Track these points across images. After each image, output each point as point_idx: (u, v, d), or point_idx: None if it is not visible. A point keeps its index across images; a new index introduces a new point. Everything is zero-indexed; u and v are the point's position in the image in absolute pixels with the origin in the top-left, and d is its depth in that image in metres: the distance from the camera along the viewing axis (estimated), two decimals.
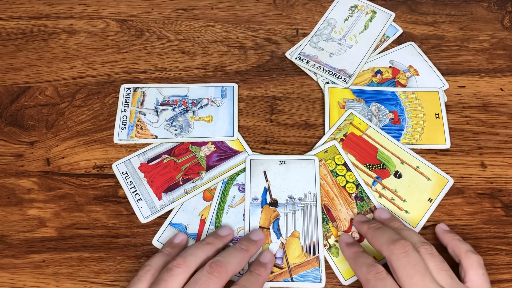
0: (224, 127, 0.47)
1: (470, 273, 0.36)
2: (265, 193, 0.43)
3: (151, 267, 0.36)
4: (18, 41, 0.52)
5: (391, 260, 0.35)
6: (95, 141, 0.46)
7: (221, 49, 0.53)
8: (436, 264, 0.35)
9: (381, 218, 0.41)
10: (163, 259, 0.37)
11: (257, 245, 0.40)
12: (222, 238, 0.40)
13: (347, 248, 0.39)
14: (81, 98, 0.49)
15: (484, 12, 0.56)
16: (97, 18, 0.54)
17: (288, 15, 0.55)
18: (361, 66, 0.51)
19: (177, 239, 0.40)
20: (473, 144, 0.47)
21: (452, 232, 0.40)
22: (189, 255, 0.36)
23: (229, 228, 0.41)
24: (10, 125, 0.47)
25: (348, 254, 0.39)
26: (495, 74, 0.51)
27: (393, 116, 0.48)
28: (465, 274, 0.36)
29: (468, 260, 0.36)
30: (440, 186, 0.44)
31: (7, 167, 0.45)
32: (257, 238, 0.40)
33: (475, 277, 0.35)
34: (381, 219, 0.41)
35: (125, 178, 0.44)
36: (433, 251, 0.36)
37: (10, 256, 0.41)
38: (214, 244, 0.38)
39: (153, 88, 0.49)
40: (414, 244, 0.36)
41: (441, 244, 0.41)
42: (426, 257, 0.35)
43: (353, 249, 0.39)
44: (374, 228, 0.39)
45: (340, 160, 0.45)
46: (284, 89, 0.50)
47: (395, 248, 0.35)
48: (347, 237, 0.41)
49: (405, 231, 0.38)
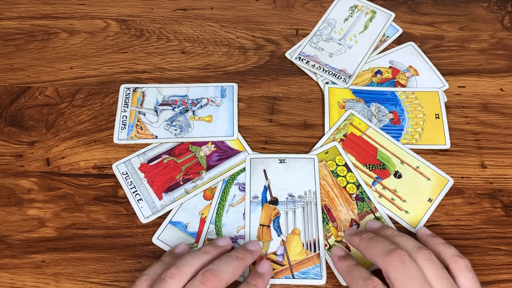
0: (224, 127, 0.47)
1: (461, 278, 0.35)
2: (265, 191, 0.43)
3: (148, 276, 0.35)
4: (18, 41, 0.52)
5: (388, 272, 0.34)
6: (95, 141, 0.46)
7: (221, 49, 0.53)
8: (435, 272, 0.34)
9: (372, 229, 0.40)
10: (161, 269, 0.36)
11: (253, 256, 0.39)
12: (219, 248, 0.38)
13: (340, 262, 0.38)
14: (81, 98, 0.49)
15: (484, 12, 0.56)
16: (97, 18, 0.54)
17: (288, 15, 0.55)
18: (361, 66, 0.51)
19: (179, 250, 0.39)
20: (473, 144, 0.47)
21: (435, 236, 0.39)
22: (183, 265, 0.35)
23: (228, 239, 0.40)
24: (10, 125, 0.47)
25: (341, 268, 0.38)
26: (495, 74, 0.51)
27: (393, 116, 0.48)
28: (455, 279, 0.35)
29: (456, 265, 0.35)
30: (440, 186, 0.44)
31: (7, 167, 0.45)
32: (254, 248, 0.39)
33: (466, 281, 0.35)
34: (372, 229, 0.40)
35: (126, 179, 0.44)
36: (431, 256, 0.35)
37: (10, 256, 0.41)
38: (211, 254, 0.37)
39: (153, 88, 0.49)
40: (411, 251, 0.35)
41: None
42: (425, 264, 0.34)
43: (346, 263, 0.38)
44: (367, 239, 0.37)
45: (340, 161, 0.45)
46: (284, 89, 0.50)
47: (391, 259, 0.34)
48: (338, 250, 0.40)
49: (399, 238, 0.37)
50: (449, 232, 0.43)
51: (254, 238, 0.41)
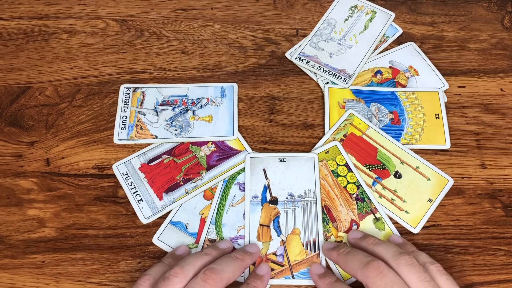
0: (224, 127, 0.47)
1: (437, 280, 0.34)
2: (265, 191, 0.43)
3: (150, 276, 0.36)
4: (18, 41, 0.52)
5: (368, 284, 0.34)
6: (95, 141, 0.46)
7: (221, 49, 0.53)
8: (417, 276, 0.33)
9: (354, 239, 0.40)
10: (163, 269, 0.37)
11: (253, 257, 0.39)
12: (220, 250, 0.39)
13: (320, 280, 0.38)
14: (81, 99, 0.49)
15: (484, 12, 0.56)
16: (97, 18, 0.54)
17: (288, 15, 0.55)
18: (361, 66, 0.51)
19: (179, 251, 0.40)
20: (473, 145, 0.47)
21: (408, 243, 0.39)
22: (187, 264, 0.36)
23: (229, 242, 0.41)
24: (10, 125, 0.47)
25: (322, 286, 0.37)
26: (495, 74, 0.51)
27: (393, 117, 0.48)
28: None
29: (429, 271, 0.35)
30: (440, 186, 0.44)
31: (7, 167, 0.45)
32: (253, 250, 0.40)
33: (444, 282, 0.34)
34: (354, 239, 0.40)
35: (126, 179, 0.44)
36: (412, 261, 0.34)
37: (10, 256, 0.41)
38: (212, 255, 0.38)
39: (153, 88, 0.49)
40: (392, 257, 0.35)
41: (440, 244, 0.41)
42: (406, 269, 0.34)
43: (326, 281, 0.37)
44: (344, 254, 0.37)
45: (341, 160, 0.45)
46: (284, 89, 0.50)
47: (368, 271, 0.34)
48: (318, 268, 0.39)
49: (380, 246, 0.37)
50: (449, 232, 0.43)
51: (254, 238, 0.41)
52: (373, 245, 0.37)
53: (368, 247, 0.38)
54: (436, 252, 0.41)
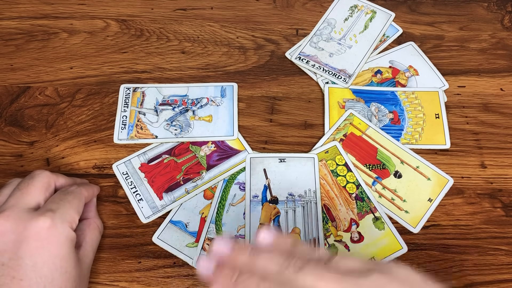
0: (224, 127, 0.47)
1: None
2: (265, 190, 0.43)
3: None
4: (18, 41, 0.52)
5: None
6: (95, 141, 0.46)
7: (221, 49, 0.53)
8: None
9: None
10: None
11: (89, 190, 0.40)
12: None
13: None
14: (81, 98, 0.49)
15: (484, 12, 0.56)
16: (97, 18, 0.54)
17: (288, 15, 0.55)
18: (361, 66, 0.51)
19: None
20: (473, 144, 0.47)
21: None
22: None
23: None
24: (10, 125, 0.47)
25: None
26: (495, 74, 0.51)
27: (393, 116, 0.48)
28: None
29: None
30: (440, 186, 0.44)
31: (7, 167, 0.45)
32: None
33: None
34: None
35: (126, 179, 0.44)
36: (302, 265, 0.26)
37: None
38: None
39: (153, 88, 0.49)
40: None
41: (440, 244, 0.41)
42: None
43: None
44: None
45: (341, 160, 0.45)
46: (284, 89, 0.50)
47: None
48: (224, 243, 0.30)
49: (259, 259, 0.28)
50: (449, 232, 0.43)
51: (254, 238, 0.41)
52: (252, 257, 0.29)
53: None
54: (436, 251, 0.41)
